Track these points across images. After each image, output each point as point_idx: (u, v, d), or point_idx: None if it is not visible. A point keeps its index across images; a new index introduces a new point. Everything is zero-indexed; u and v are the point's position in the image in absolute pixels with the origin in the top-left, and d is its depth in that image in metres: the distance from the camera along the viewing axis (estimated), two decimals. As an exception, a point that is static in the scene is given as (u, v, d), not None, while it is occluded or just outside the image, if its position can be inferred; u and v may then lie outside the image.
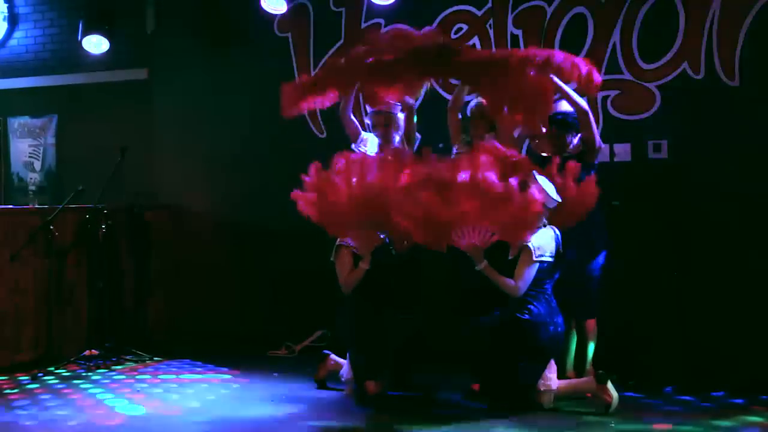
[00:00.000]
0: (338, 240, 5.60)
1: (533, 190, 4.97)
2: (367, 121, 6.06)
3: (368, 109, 6.06)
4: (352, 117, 6.08)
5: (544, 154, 5.60)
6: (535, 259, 5.02)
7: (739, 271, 5.84)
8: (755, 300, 5.82)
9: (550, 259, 5.08)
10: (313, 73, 7.17)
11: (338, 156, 5.49)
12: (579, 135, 5.53)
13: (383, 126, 5.93)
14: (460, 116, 5.85)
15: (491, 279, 5.04)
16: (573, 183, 5.24)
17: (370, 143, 6.01)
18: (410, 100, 5.96)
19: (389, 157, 5.36)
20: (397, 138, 5.95)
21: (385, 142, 5.94)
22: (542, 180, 5.10)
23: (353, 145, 6.02)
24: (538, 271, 5.05)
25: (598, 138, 5.50)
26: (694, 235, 5.98)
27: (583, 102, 5.44)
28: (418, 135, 6.02)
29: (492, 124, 5.68)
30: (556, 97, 5.44)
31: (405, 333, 5.45)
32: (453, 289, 5.64)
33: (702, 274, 5.93)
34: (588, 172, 5.37)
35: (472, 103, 5.79)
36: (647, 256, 6.04)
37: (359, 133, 6.05)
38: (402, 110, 5.96)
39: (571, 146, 5.56)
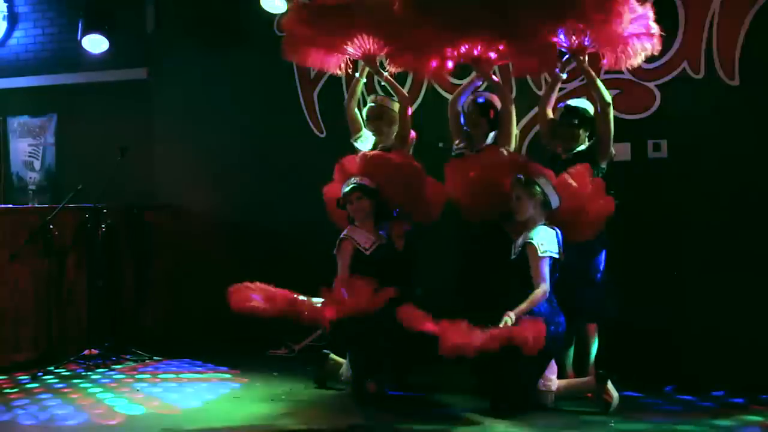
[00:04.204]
0: (342, 233, 5.60)
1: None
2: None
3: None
4: (356, 112, 6.07)
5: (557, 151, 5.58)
6: (541, 254, 5.02)
7: (739, 270, 5.84)
8: (755, 299, 5.81)
9: (556, 256, 5.08)
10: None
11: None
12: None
13: (376, 118, 5.92)
14: (461, 107, 5.80)
15: (524, 310, 4.99)
16: (588, 188, 5.24)
17: (364, 139, 6.01)
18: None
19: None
20: (392, 134, 5.93)
21: (378, 135, 5.94)
22: (546, 180, 5.13)
23: (352, 141, 6.03)
24: None
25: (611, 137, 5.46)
26: (694, 234, 5.98)
27: (607, 93, 5.44)
28: (412, 132, 6.00)
29: (492, 123, 5.68)
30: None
31: (405, 332, 5.43)
32: (455, 288, 5.65)
33: (702, 273, 5.93)
34: (596, 173, 5.36)
35: (469, 101, 5.75)
36: (647, 256, 6.03)
37: (360, 129, 6.04)
38: (397, 103, 5.94)
39: (582, 145, 5.53)
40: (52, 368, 6.35)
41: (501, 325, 4.85)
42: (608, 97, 5.42)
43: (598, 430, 4.73)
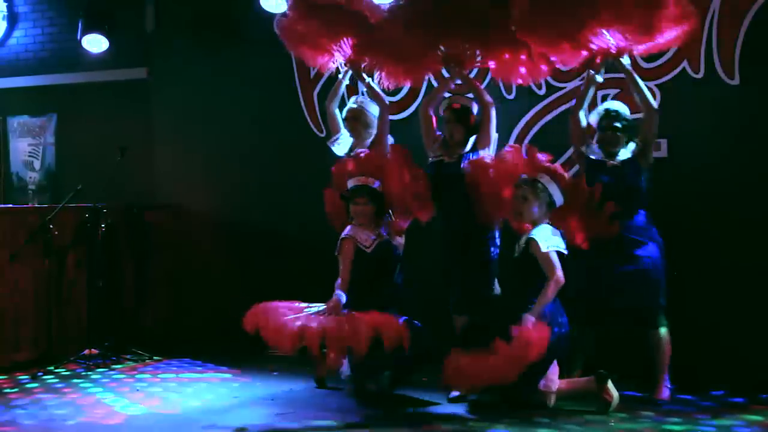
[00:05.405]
0: (343, 233, 5.59)
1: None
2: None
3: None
4: (336, 112, 6.10)
5: (593, 157, 5.46)
6: (545, 249, 5.01)
7: (739, 269, 5.83)
8: (755, 299, 5.81)
9: (564, 251, 5.07)
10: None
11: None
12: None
13: (353, 120, 5.94)
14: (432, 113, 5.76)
15: (541, 307, 4.99)
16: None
17: (342, 141, 6.02)
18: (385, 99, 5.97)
19: None
20: (369, 137, 5.94)
21: (354, 136, 5.96)
22: (550, 179, 5.14)
23: (329, 143, 6.04)
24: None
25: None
26: (693, 234, 5.97)
27: (651, 96, 5.37)
28: (390, 137, 6.00)
29: (469, 127, 5.60)
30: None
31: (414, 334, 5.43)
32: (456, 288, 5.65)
33: (701, 273, 5.92)
34: (641, 178, 5.31)
35: (445, 106, 5.66)
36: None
37: (339, 131, 6.07)
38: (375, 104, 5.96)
39: (624, 149, 5.40)
40: (52, 368, 6.35)
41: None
42: (653, 100, 5.36)
43: (598, 430, 4.74)
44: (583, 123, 5.55)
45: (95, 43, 7.84)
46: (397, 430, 4.82)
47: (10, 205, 7.85)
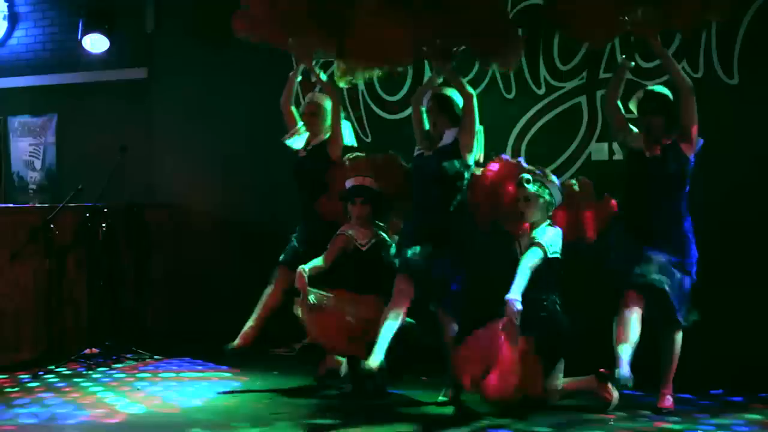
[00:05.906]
0: (339, 230, 5.60)
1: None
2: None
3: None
4: (292, 109, 6.12)
5: (633, 146, 5.24)
6: (551, 255, 5.02)
7: (739, 269, 5.84)
8: (755, 298, 5.82)
9: (560, 257, 5.08)
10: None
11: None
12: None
13: (311, 115, 5.99)
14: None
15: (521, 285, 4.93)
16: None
17: (298, 136, 6.03)
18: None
19: None
20: (325, 131, 5.96)
21: (311, 132, 5.98)
22: (551, 179, 5.15)
23: (283, 139, 6.03)
24: (550, 269, 5.05)
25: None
26: (692, 233, 5.98)
27: (686, 77, 5.20)
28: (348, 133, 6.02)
29: (453, 116, 5.46)
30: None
31: (404, 331, 5.44)
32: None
33: (701, 272, 5.92)
34: (683, 168, 5.10)
35: (428, 97, 5.54)
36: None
37: (296, 125, 6.08)
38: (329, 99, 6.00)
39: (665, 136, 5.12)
40: (53, 367, 6.36)
41: (506, 315, 4.83)
42: (689, 81, 5.16)
43: (598, 429, 4.74)
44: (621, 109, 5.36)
45: (96, 43, 7.86)
46: (396, 429, 4.82)
47: (11, 205, 7.85)
